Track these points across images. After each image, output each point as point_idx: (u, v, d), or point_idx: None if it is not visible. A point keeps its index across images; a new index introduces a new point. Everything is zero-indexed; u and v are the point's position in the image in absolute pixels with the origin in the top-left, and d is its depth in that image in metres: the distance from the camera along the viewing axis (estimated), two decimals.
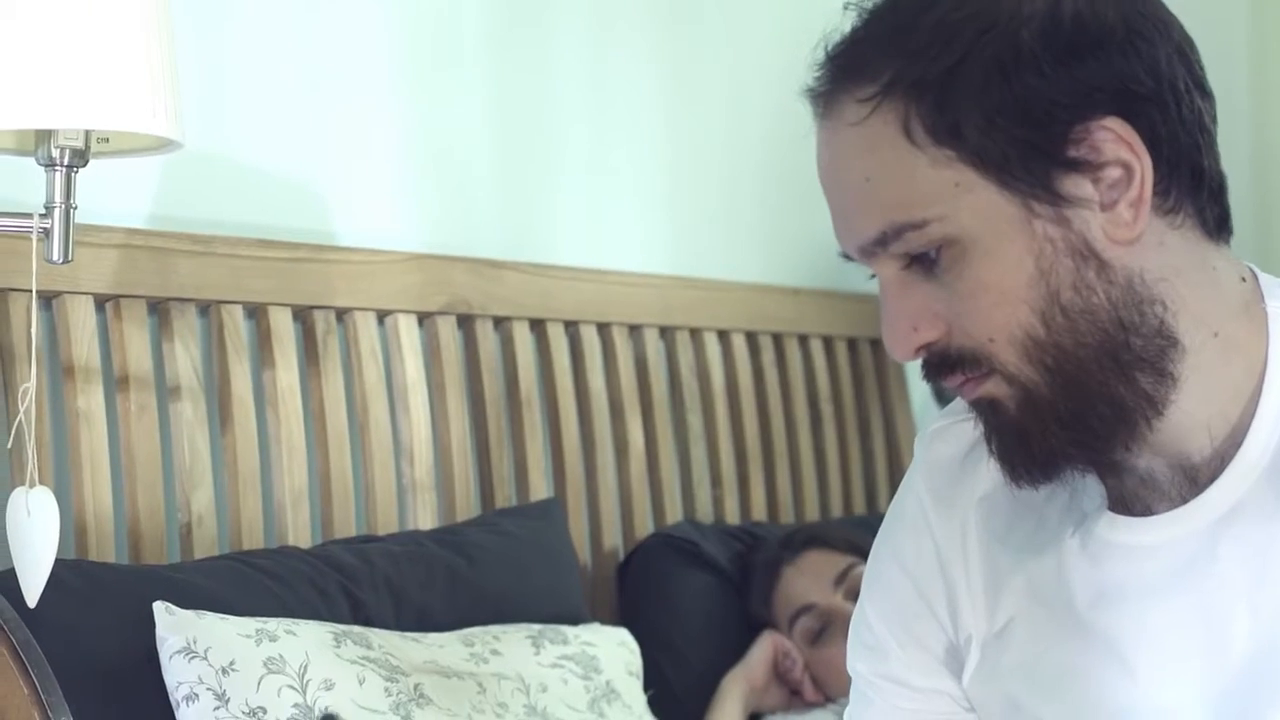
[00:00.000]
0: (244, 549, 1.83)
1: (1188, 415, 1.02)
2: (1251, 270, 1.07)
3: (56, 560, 1.58)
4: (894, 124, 1.00)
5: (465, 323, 2.15)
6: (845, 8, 1.05)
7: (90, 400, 1.74)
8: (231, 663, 1.56)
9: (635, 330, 2.38)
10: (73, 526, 1.72)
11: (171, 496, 1.82)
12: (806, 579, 2.19)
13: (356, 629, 1.70)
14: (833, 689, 2.14)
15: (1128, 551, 1.06)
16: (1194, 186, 1.00)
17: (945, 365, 1.03)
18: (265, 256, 1.91)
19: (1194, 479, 1.04)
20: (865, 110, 1.01)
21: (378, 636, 1.71)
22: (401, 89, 2.18)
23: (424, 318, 2.10)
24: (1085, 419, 1.00)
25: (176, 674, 1.55)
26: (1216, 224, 1.03)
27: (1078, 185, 0.98)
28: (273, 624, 1.62)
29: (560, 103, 2.38)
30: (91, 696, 1.53)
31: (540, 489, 2.20)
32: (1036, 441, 1.02)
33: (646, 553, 2.25)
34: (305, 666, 1.59)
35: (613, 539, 2.30)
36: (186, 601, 1.60)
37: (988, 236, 0.99)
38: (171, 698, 1.55)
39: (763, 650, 2.16)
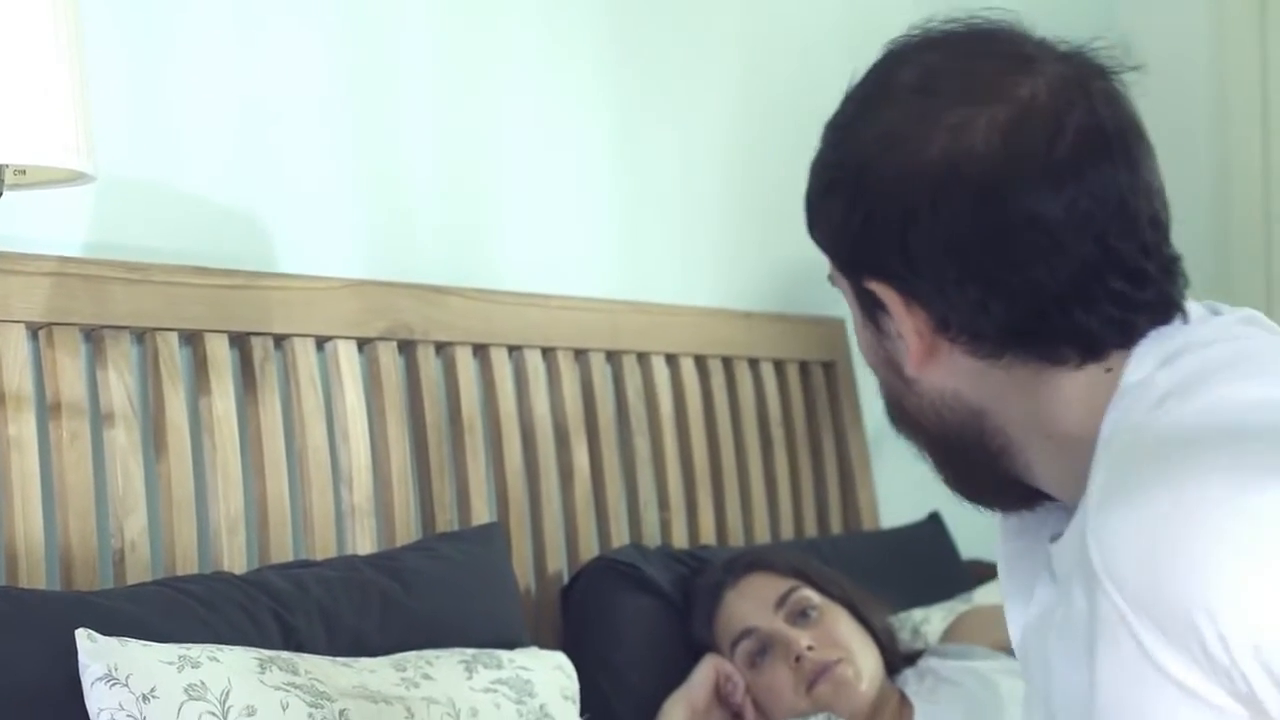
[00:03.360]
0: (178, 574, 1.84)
1: (1049, 488, 1.16)
2: (1132, 354, 1.10)
3: None
4: None
5: (407, 348, 2.16)
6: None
7: (21, 428, 1.75)
8: (152, 689, 1.56)
9: (581, 355, 2.39)
10: (3, 553, 1.72)
11: (105, 523, 1.82)
12: (748, 602, 2.20)
13: (284, 655, 1.71)
14: (773, 712, 2.14)
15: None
16: (1005, 341, 1.10)
17: None
18: (201, 284, 1.92)
19: None
20: None
21: (305, 662, 1.71)
22: (341, 113, 2.19)
23: (364, 343, 2.11)
24: (964, 474, 1.20)
25: (98, 701, 1.55)
26: (1081, 353, 1.10)
27: (884, 320, 1.15)
28: (196, 650, 1.62)
29: (505, 125, 2.39)
30: None
31: (483, 514, 2.20)
32: (951, 482, 1.22)
33: (589, 577, 2.25)
34: (227, 693, 1.59)
35: (557, 563, 2.30)
36: (113, 628, 1.61)
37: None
38: None
39: (705, 673, 2.17)
